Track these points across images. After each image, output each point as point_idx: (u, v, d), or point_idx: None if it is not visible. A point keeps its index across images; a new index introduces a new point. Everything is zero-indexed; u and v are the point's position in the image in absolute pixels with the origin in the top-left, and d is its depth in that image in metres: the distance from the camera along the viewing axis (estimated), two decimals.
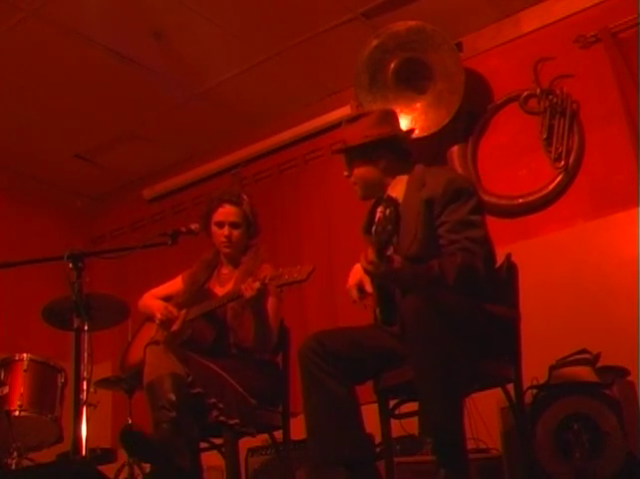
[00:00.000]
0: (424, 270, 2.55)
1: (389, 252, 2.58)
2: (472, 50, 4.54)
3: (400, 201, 2.71)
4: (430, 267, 2.53)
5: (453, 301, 2.47)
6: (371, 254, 2.49)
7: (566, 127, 4.13)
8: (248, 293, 3.01)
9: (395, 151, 2.84)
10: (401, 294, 2.64)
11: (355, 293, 2.75)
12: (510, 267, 2.84)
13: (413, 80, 4.37)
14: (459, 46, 4.42)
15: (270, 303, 3.24)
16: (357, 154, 2.84)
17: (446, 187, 2.65)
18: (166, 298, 3.45)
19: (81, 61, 4.53)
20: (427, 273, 2.53)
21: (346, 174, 2.90)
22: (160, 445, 2.83)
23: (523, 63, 4.35)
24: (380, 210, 2.79)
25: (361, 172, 2.85)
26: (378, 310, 2.75)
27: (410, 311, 2.42)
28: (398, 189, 2.80)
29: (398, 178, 2.83)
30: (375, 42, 4.34)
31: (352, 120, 2.91)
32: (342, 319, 4.45)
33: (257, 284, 2.99)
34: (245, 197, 3.42)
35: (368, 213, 2.95)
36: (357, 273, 2.76)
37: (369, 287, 2.76)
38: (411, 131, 3.12)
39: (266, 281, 2.96)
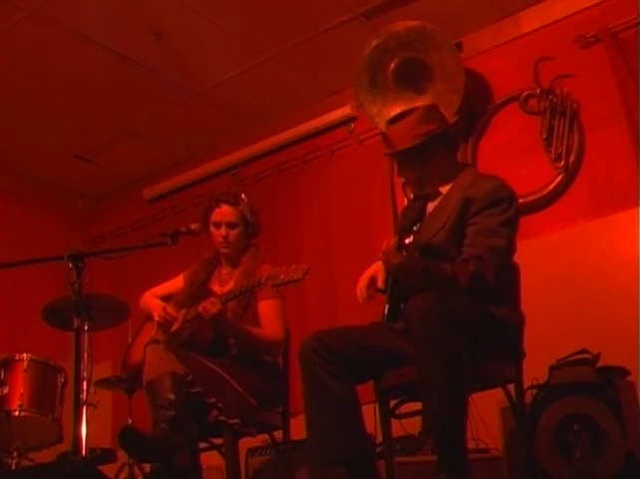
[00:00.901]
0: (436, 271, 2.57)
1: (407, 241, 2.59)
2: (472, 50, 4.54)
3: (444, 193, 2.78)
4: (443, 270, 2.56)
5: (459, 303, 2.48)
6: (391, 244, 2.52)
7: (566, 127, 4.13)
8: (205, 315, 3.04)
9: (446, 145, 2.83)
10: (409, 293, 2.65)
11: (361, 284, 2.77)
12: (513, 268, 2.84)
13: (413, 80, 4.36)
14: (459, 46, 4.42)
15: (271, 305, 3.25)
16: (409, 155, 2.80)
17: (489, 192, 2.68)
18: (167, 297, 3.45)
19: (81, 61, 4.53)
20: (439, 275, 2.56)
21: (399, 174, 2.91)
22: (159, 444, 2.83)
23: (523, 63, 4.35)
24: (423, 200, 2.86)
25: (414, 172, 2.84)
26: (387, 307, 2.75)
27: (417, 310, 2.42)
28: (447, 185, 2.82)
29: (451, 179, 2.83)
30: (375, 42, 4.34)
31: (397, 119, 2.86)
32: (342, 319, 4.45)
33: (218, 305, 3.03)
34: (244, 196, 3.41)
35: (412, 200, 2.97)
36: (372, 269, 2.79)
37: (381, 283, 2.76)
38: (456, 122, 3.10)
39: (262, 281, 2.96)
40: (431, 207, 2.82)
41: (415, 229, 2.76)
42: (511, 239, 2.69)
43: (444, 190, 2.81)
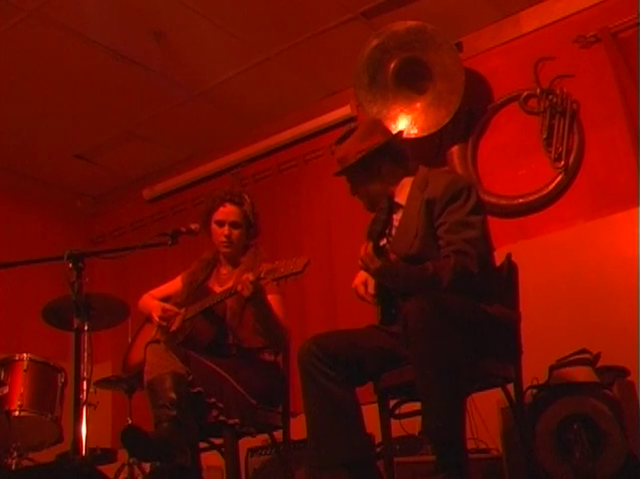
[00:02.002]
0: (418, 271, 2.57)
1: (382, 243, 2.60)
2: (472, 50, 4.54)
3: (404, 203, 2.78)
4: (424, 268, 2.56)
5: (456, 302, 2.48)
6: (368, 249, 2.53)
7: (566, 127, 4.13)
8: (246, 291, 3.00)
9: (391, 156, 2.86)
10: (398, 294, 2.66)
11: (362, 289, 2.78)
12: (511, 267, 2.84)
13: (413, 80, 4.36)
14: (459, 46, 4.42)
15: (274, 300, 3.24)
16: (356, 171, 2.85)
17: (446, 188, 2.68)
18: (166, 299, 3.44)
19: (81, 61, 4.53)
20: (421, 274, 2.56)
21: (352, 192, 2.92)
22: (161, 443, 2.83)
23: (523, 63, 4.35)
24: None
25: (365, 188, 2.87)
26: (379, 310, 2.76)
27: (414, 311, 2.42)
28: (403, 193, 2.83)
29: (402, 182, 2.85)
30: (375, 42, 4.34)
31: (341, 139, 2.92)
32: (342, 319, 4.45)
33: (251, 278, 2.97)
34: (247, 197, 3.42)
35: (373, 219, 2.97)
36: (363, 275, 2.80)
37: (371, 288, 2.78)
38: (400, 132, 3.14)
39: (262, 276, 2.95)
40: (396, 219, 2.83)
41: (387, 231, 2.79)
42: (483, 226, 2.68)
43: (401, 199, 2.82)
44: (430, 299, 2.42)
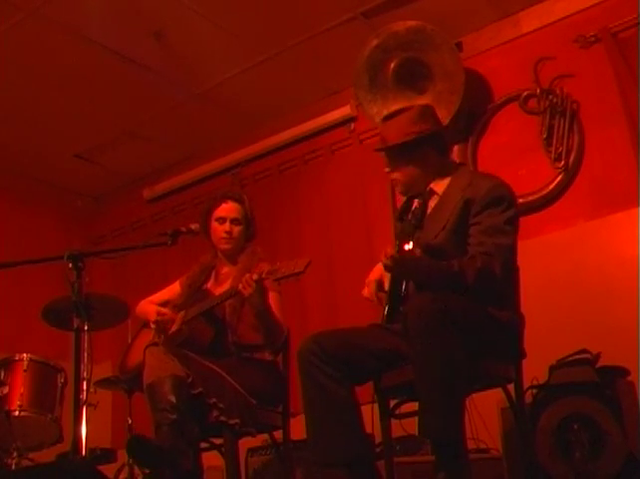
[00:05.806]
0: (443, 266, 2.56)
1: (407, 247, 2.60)
2: (472, 50, 4.54)
3: (440, 193, 2.77)
4: (450, 266, 2.55)
5: (458, 302, 2.48)
6: (391, 250, 2.51)
7: (566, 127, 4.13)
8: (247, 291, 3.01)
9: (437, 146, 2.83)
10: (415, 290, 2.65)
11: (373, 287, 2.77)
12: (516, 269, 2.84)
13: (413, 80, 4.36)
14: (459, 46, 4.42)
15: (272, 299, 3.24)
16: (399, 152, 2.80)
17: (490, 190, 2.68)
18: (164, 304, 3.43)
19: (81, 61, 4.53)
20: (446, 270, 2.55)
21: (387, 171, 2.87)
22: (165, 451, 2.83)
23: (523, 63, 4.35)
24: (417, 200, 2.84)
25: (403, 171, 2.82)
26: (386, 308, 2.75)
27: (414, 309, 2.42)
28: (441, 184, 2.81)
29: (442, 173, 2.82)
30: (375, 42, 4.34)
31: (391, 116, 2.87)
32: (342, 319, 4.45)
33: (255, 277, 2.98)
34: (246, 198, 3.47)
35: (405, 201, 2.96)
36: (378, 271, 2.79)
37: (387, 286, 2.78)
38: (448, 123, 3.12)
39: (263, 276, 2.95)
40: (430, 206, 2.82)
41: (415, 235, 2.75)
42: (515, 237, 2.70)
43: (437, 189, 2.81)
44: (432, 299, 2.41)
